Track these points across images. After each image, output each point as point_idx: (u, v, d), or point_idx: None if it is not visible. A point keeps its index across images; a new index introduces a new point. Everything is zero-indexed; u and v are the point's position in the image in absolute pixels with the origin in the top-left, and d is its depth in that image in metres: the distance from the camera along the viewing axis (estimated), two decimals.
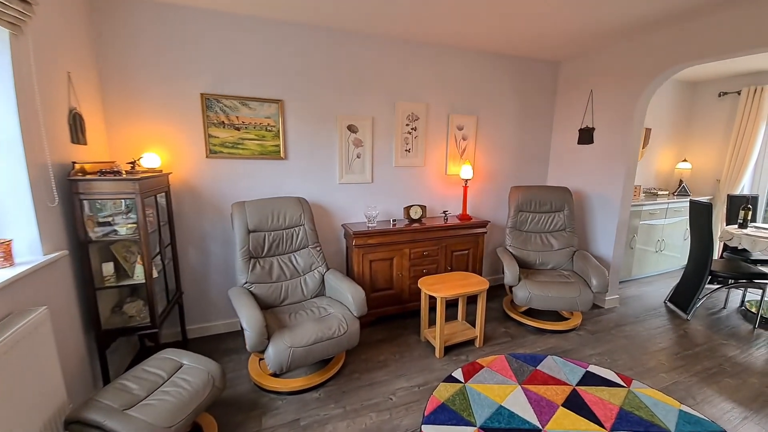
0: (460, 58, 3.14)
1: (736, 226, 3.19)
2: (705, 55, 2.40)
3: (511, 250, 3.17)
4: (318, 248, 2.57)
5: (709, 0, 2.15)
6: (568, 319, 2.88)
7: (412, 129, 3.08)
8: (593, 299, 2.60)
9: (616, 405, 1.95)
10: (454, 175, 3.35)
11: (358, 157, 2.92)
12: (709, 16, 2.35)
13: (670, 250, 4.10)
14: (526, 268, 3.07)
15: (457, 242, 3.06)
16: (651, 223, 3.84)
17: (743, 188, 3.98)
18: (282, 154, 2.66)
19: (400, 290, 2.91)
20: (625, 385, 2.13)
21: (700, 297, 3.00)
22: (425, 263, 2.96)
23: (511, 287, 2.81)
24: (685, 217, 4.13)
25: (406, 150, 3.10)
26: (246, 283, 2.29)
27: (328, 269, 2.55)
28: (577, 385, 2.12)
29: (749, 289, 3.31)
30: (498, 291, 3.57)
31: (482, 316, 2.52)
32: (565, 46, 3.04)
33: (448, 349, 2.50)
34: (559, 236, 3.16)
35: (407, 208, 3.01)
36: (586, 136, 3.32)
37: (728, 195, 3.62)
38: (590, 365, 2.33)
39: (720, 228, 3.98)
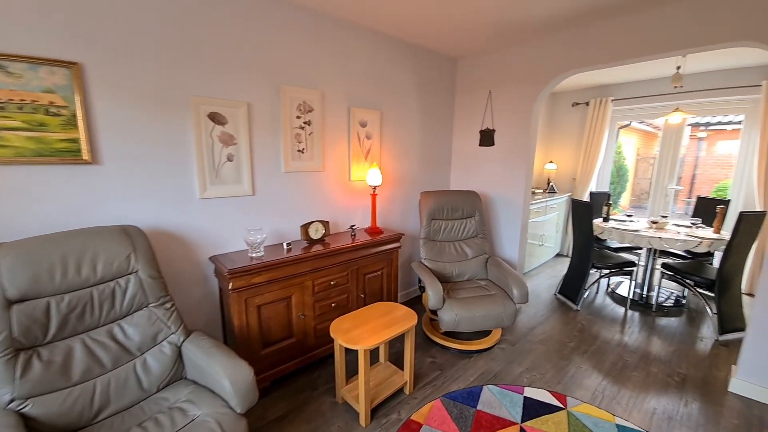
0: (361, 39, 2.59)
1: (601, 219, 3.63)
2: (595, 62, 2.47)
3: (427, 263, 2.82)
4: (167, 304, 1.63)
5: (596, 8, 2.17)
6: (490, 332, 2.69)
7: (305, 123, 2.37)
8: (516, 311, 2.45)
9: None
10: (360, 182, 2.80)
11: (229, 159, 2.05)
12: (597, 23, 2.42)
13: (548, 242, 4.54)
14: (443, 282, 2.76)
15: (370, 263, 2.52)
16: (536, 220, 4.13)
17: (593, 185, 4.70)
18: (86, 156, 1.58)
19: (303, 336, 2.19)
20: (562, 405, 1.98)
21: (585, 288, 3.27)
22: (333, 295, 2.32)
23: (435, 311, 2.43)
24: (558, 212, 4.64)
25: (298, 150, 2.37)
26: (12, 401, 1.21)
27: (187, 335, 1.64)
28: (522, 421, 1.86)
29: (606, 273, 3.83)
30: (411, 305, 3.20)
31: (412, 359, 2.04)
32: (461, 42, 2.83)
33: (376, 410, 1.93)
34: (473, 244, 2.97)
35: (305, 227, 2.30)
36: (487, 137, 3.23)
37: (590, 192, 4.17)
38: (524, 388, 2.12)
39: None
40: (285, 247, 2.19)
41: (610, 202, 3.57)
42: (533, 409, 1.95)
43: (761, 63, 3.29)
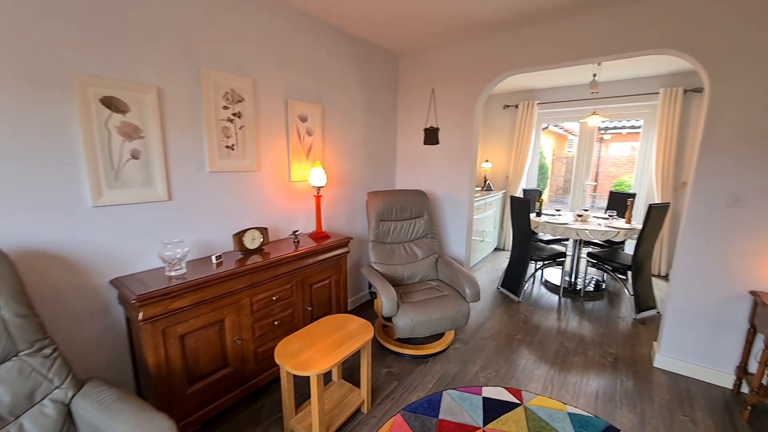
0: (298, 24, 2.32)
1: (535, 215, 3.87)
2: (533, 64, 2.57)
3: (377, 267, 2.67)
4: (46, 350, 1.22)
5: (532, 11, 2.24)
6: (443, 334, 2.64)
7: (234, 115, 2.04)
8: (470, 310, 2.43)
9: None
10: (302, 182, 2.53)
11: (134, 157, 1.64)
12: (533, 27, 2.51)
13: (487, 238, 4.74)
14: (395, 285, 2.64)
15: (316, 272, 2.28)
16: (477, 217, 4.26)
17: (523, 183, 5.04)
18: None
19: (241, 364, 1.87)
20: (518, 401, 1.99)
21: (525, 280, 3.44)
22: (276, 312, 2.03)
23: (389, 317, 2.29)
24: (495, 209, 4.87)
25: (228, 147, 2.03)
26: None
27: (79, 387, 1.24)
28: (485, 425, 1.81)
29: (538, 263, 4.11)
30: (362, 312, 3.04)
31: (369, 375, 1.87)
32: (403, 37, 2.75)
33: None
34: (422, 244, 2.90)
35: (239, 235, 1.98)
36: (431, 136, 3.19)
37: (523, 189, 4.43)
38: (482, 389, 2.10)
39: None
40: (214, 261, 1.84)
41: (542, 198, 3.82)
42: (493, 409, 1.92)
43: (659, 73, 3.81)
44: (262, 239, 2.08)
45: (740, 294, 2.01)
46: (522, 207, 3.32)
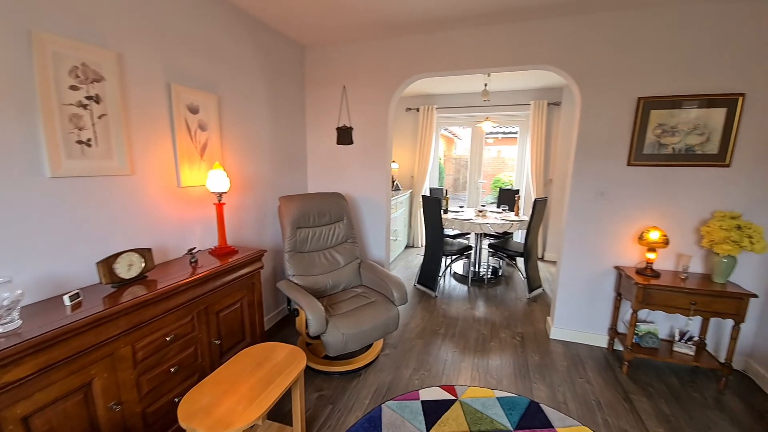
0: None
1: (443, 212, 4.12)
2: (443, 69, 2.66)
3: (296, 280, 2.39)
4: None
5: (444, 16, 2.32)
6: (371, 344, 2.53)
7: (89, 99, 1.49)
8: (399, 314, 2.37)
9: (468, 430, 1.77)
10: (196, 188, 2.07)
11: None
12: (445, 32, 2.60)
13: (399, 237, 4.85)
14: (318, 297, 2.41)
15: (223, 295, 1.88)
16: (391, 217, 4.30)
17: (427, 182, 5.34)
18: None
19: None
20: (453, 397, 2.03)
21: (440, 275, 3.61)
22: (173, 355, 1.59)
23: (318, 335, 2.05)
24: (404, 208, 5.02)
25: (81, 142, 1.48)
26: None
27: None
28: (428, 430, 1.77)
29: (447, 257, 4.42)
30: (281, 330, 2.69)
31: (302, 410, 1.61)
32: (308, 25, 2.54)
33: None
34: (343, 250, 2.73)
35: (108, 263, 1.46)
36: (345, 136, 3.05)
37: (430, 189, 4.68)
38: (419, 392, 2.07)
39: (419, 214, 5.14)
40: (68, 302, 1.31)
41: (447, 196, 4.09)
42: (433, 412, 1.90)
43: (529, 87, 4.49)
44: (143, 264, 1.59)
45: (608, 269, 2.49)
46: (434, 205, 3.47)
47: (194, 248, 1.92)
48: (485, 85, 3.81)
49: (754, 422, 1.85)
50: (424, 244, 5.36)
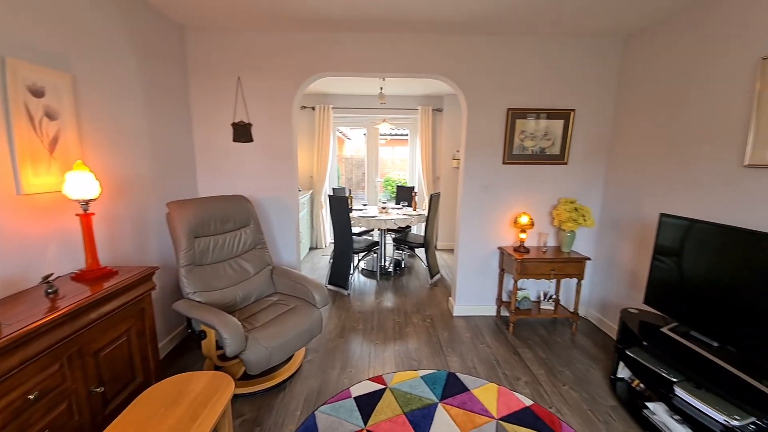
0: None
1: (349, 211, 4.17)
2: (346, 69, 2.70)
3: (198, 298, 2.08)
4: None
5: (346, 17, 2.36)
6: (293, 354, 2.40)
7: None
8: (321, 316, 2.31)
9: (401, 414, 1.87)
10: (46, 194, 1.57)
11: None
12: (348, 33, 2.62)
13: (303, 239, 4.68)
14: (228, 314, 2.14)
15: (102, 330, 1.50)
16: None
17: (327, 182, 5.31)
18: None
19: None
20: (383, 385, 2.11)
21: (351, 273, 3.66)
22: (38, 418, 1.19)
23: (237, 355, 1.83)
24: (306, 209, 4.86)
25: None
26: None
27: None
28: (366, 424, 1.80)
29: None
30: (179, 358, 2.28)
31: None
32: (188, 7, 2.23)
33: None
34: (252, 257, 2.49)
35: None
36: (242, 132, 2.78)
37: (333, 188, 4.65)
38: (350, 389, 2.08)
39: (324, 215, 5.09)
40: None
41: (351, 195, 4.16)
42: (367, 405, 1.94)
43: (417, 93, 4.94)
44: None
45: (494, 250, 2.98)
46: (341, 204, 3.49)
47: (51, 274, 1.46)
48: (381, 88, 4.03)
49: (598, 352, 2.53)
50: (329, 244, 5.34)
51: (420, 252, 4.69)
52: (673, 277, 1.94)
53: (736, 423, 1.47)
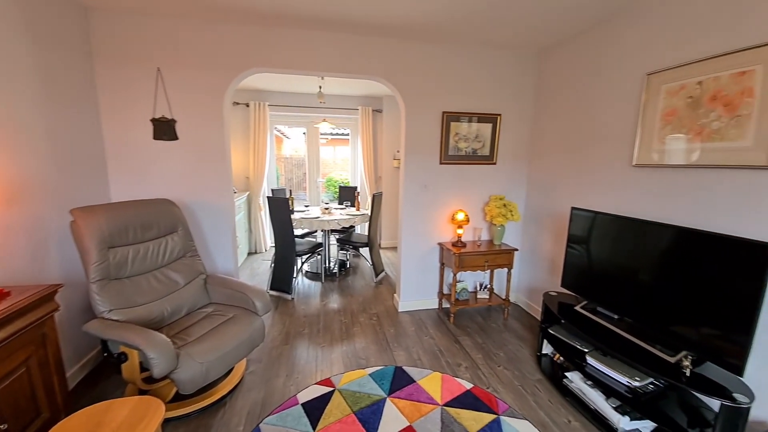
0: None
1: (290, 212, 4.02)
2: (282, 66, 2.59)
3: (116, 317, 1.84)
4: None
5: (283, 11, 2.28)
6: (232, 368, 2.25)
7: None
8: (264, 323, 2.20)
9: (350, 413, 1.88)
10: None
11: None
12: (285, 29, 2.52)
13: (241, 243, 4.40)
14: (155, 330, 1.93)
15: None
16: None
17: (265, 183, 5.05)
18: None
19: None
20: (332, 388, 2.10)
21: (295, 276, 3.55)
22: None
23: (167, 375, 1.66)
24: (243, 212, 4.58)
25: None
26: None
27: None
28: (315, 429, 1.77)
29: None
30: (93, 386, 1.99)
31: None
32: None
33: None
34: (182, 266, 2.28)
35: None
36: (165, 129, 2.52)
37: (272, 189, 4.44)
38: (296, 396, 2.02)
39: (263, 216, 4.84)
40: None
41: (293, 196, 4.03)
42: (316, 409, 1.91)
43: (357, 94, 4.94)
44: None
45: (434, 246, 3.13)
46: (282, 206, 3.36)
47: None
48: (320, 87, 3.96)
49: (527, 333, 2.80)
50: (269, 248, 5.09)
51: (365, 251, 4.72)
52: (583, 261, 2.24)
53: (636, 383, 1.76)
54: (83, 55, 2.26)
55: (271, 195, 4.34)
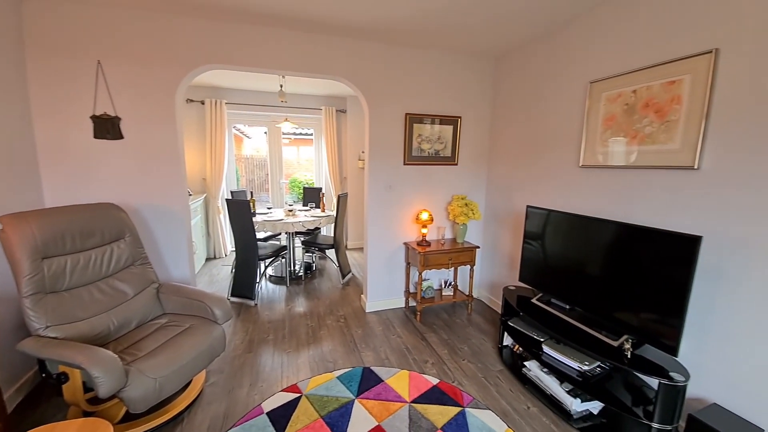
0: None
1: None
2: (239, 63, 2.49)
3: (54, 334, 1.67)
4: None
5: (239, 6, 2.20)
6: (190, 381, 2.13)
7: None
8: (224, 332, 2.09)
9: (318, 418, 1.85)
10: None
11: None
12: (242, 24, 2.41)
13: (198, 249, 4.17)
14: (100, 346, 1.78)
15: None
16: None
17: (224, 184, 4.83)
18: None
19: None
20: (298, 393, 2.05)
21: (258, 281, 3.42)
22: None
23: (116, 394, 1.53)
24: (200, 216, 4.33)
25: None
26: None
27: None
28: None
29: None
30: (26, 414, 1.79)
31: None
32: None
33: None
34: (130, 276, 2.11)
35: None
36: (107, 127, 2.32)
37: (232, 192, 4.25)
38: (261, 405, 1.96)
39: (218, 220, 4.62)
40: None
41: (254, 198, 3.88)
42: (282, 417, 1.86)
43: (320, 94, 4.86)
44: None
45: (399, 245, 3.16)
46: (242, 209, 3.23)
47: None
48: (281, 86, 3.85)
49: (489, 327, 2.92)
50: (230, 252, 4.87)
51: (331, 253, 4.67)
52: (538, 256, 2.38)
53: (585, 368, 1.89)
54: (12, 44, 2.02)
55: (230, 197, 4.14)
